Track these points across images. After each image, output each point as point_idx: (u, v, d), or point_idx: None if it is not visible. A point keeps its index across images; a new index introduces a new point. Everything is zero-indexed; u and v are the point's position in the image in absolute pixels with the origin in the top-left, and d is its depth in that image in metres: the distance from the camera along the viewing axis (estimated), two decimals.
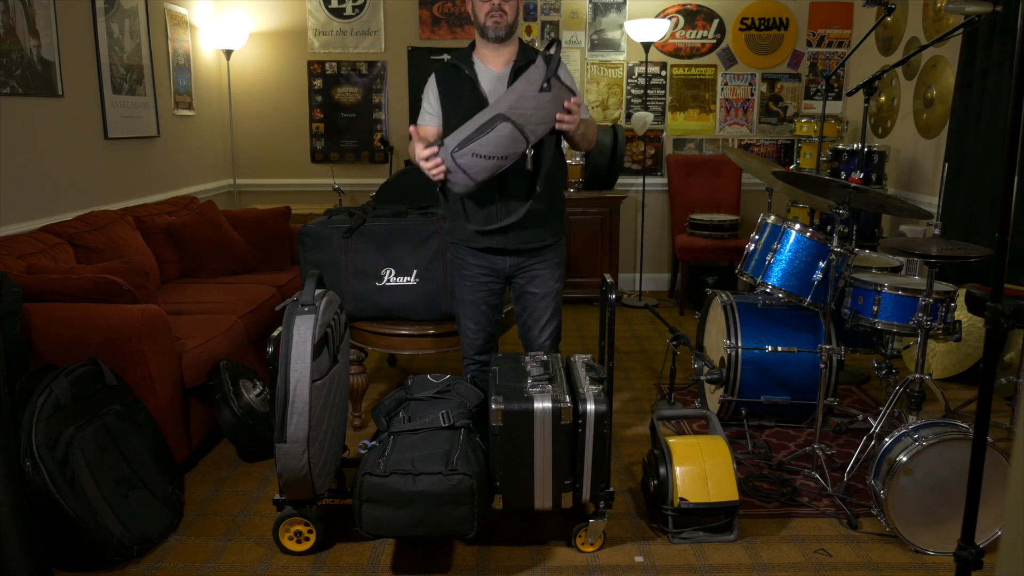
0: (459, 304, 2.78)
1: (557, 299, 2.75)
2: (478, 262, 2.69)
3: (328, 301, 2.39)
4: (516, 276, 2.71)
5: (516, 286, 2.74)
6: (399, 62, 5.57)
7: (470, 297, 2.73)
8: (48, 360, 2.57)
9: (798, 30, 5.57)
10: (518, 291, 2.75)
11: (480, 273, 2.70)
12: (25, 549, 2.09)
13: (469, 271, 2.71)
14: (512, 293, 2.79)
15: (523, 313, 2.77)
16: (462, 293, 2.75)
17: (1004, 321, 1.56)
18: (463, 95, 2.58)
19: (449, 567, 2.36)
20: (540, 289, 2.71)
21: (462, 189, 2.44)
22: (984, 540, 2.33)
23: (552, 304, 2.74)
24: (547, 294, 2.72)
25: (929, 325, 2.66)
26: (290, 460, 2.24)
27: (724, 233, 5.13)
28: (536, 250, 2.66)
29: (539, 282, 2.70)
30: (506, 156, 2.35)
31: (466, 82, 2.57)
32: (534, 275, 2.70)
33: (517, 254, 2.66)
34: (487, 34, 2.56)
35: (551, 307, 2.74)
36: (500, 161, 2.35)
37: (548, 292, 2.72)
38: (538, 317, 2.74)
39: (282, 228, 4.48)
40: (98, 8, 3.97)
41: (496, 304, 2.77)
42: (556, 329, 2.78)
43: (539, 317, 2.74)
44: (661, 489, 2.47)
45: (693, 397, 3.65)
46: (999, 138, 3.72)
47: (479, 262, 2.69)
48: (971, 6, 3.18)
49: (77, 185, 3.80)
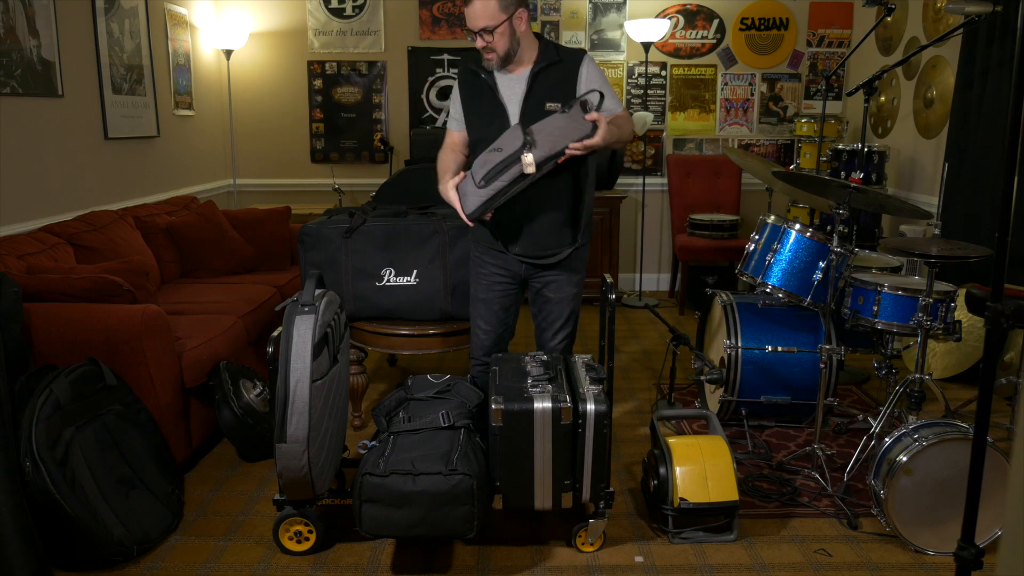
0: (473, 302, 2.76)
1: (574, 303, 2.70)
2: (495, 262, 2.66)
3: (328, 301, 2.39)
4: (532, 278, 2.67)
5: (532, 288, 2.71)
6: (399, 62, 5.57)
7: (483, 296, 2.71)
8: (48, 360, 2.57)
9: (798, 30, 5.57)
10: (534, 293, 2.72)
11: (495, 273, 2.67)
12: (25, 549, 2.09)
13: (485, 270, 2.69)
14: (529, 293, 2.75)
15: (538, 315, 2.74)
16: (477, 291, 2.73)
17: (1004, 321, 1.56)
18: (483, 102, 2.55)
19: (449, 567, 2.36)
20: (555, 294, 2.66)
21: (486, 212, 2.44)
22: (984, 540, 2.33)
23: (567, 309, 2.69)
24: (562, 299, 2.67)
25: (929, 325, 2.66)
26: (290, 460, 2.24)
27: (724, 233, 5.13)
28: (553, 256, 2.60)
29: (555, 287, 2.66)
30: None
31: (485, 88, 2.54)
32: (550, 280, 2.65)
33: (534, 258, 2.61)
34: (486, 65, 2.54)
35: (565, 312, 2.69)
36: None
37: (564, 297, 2.67)
38: (552, 321, 2.71)
39: (282, 228, 4.48)
40: (98, 8, 3.97)
41: (509, 306, 2.72)
42: (570, 334, 2.74)
43: (553, 321, 2.70)
44: (661, 489, 2.47)
45: (693, 397, 3.65)
46: (999, 138, 3.72)
47: (495, 262, 2.66)
48: (971, 6, 3.18)
49: (77, 185, 3.80)
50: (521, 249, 2.59)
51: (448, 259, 3.07)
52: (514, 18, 2.43)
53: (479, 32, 2.43)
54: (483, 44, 2.45)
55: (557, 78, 2.50)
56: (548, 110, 2.46)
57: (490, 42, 2.43)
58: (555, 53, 2.52)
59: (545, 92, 2.49)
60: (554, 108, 2.45)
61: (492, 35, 2.42)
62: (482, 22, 2.41)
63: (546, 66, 2.49)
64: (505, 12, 2.40)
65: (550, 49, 2.53)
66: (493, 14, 2.39)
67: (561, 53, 2.53)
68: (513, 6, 2.41)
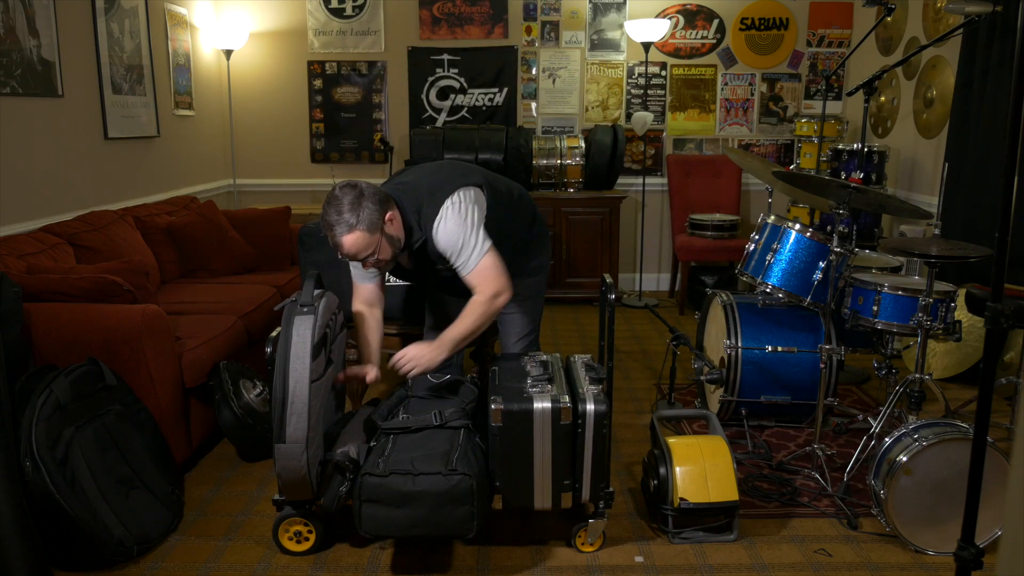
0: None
1: (529, 313, 2.75)
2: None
3: (327, 302, 2.39)
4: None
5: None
6: (399, 62, 5.57)
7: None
8: (48, 360, 2.57)
9: (798, 30, 5.57)
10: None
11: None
12: (25, 549, 2.09)
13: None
14: None
15: (499, 325, 2.79)
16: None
17: (1004, 321, 1.56)
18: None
19: (449, 567, 2.36)
20: (506, 312, 2.68)
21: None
22: (984, 540, 2.32)
23: (522, 319, 2.75)
24: (514, 312, 2.71)
25: (929, 325, 2.66)
26: (289, 460, 2.24)
27: (724, 233, 5.13)
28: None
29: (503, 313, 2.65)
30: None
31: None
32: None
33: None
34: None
35: (520, 321, 2.75)
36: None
37: (515, 311, 2.71)
38: (508, 331, 2.77)
39: (282, 228, 4.48)
40: (98, 8, 3.97)
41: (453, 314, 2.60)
42: (531, 343, 2.80)
43: (508, 331, 2.77)
44: (661, 489, 2.47)
45: (693, 397, 3.65)
46: (999, 138, 3.72)
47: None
48: (971, 6, 3.17)
49: (77, 185, 3.80)
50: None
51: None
52: (385, 227, 2.29)
53: (363, 260, 2.33)
54: (372, 265, 2.35)
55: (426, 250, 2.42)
56: (439, 269, 2.48)
57: (376, 260, 2.33)
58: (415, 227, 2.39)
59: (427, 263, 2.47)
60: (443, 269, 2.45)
61: (375, 255, 2.31)
62: (362, 254, 2.29)
63: (412, 245, 2.41)
64: (374, 232, 2.26)
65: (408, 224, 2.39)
66: (366, 242, 2.26)
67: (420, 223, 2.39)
68: (379, 219, 2.26)
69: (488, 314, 2.39)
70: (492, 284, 2.38)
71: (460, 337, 2.40)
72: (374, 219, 2.25)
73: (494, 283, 2.38)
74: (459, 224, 2.34)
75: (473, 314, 2.38)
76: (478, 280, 2.37)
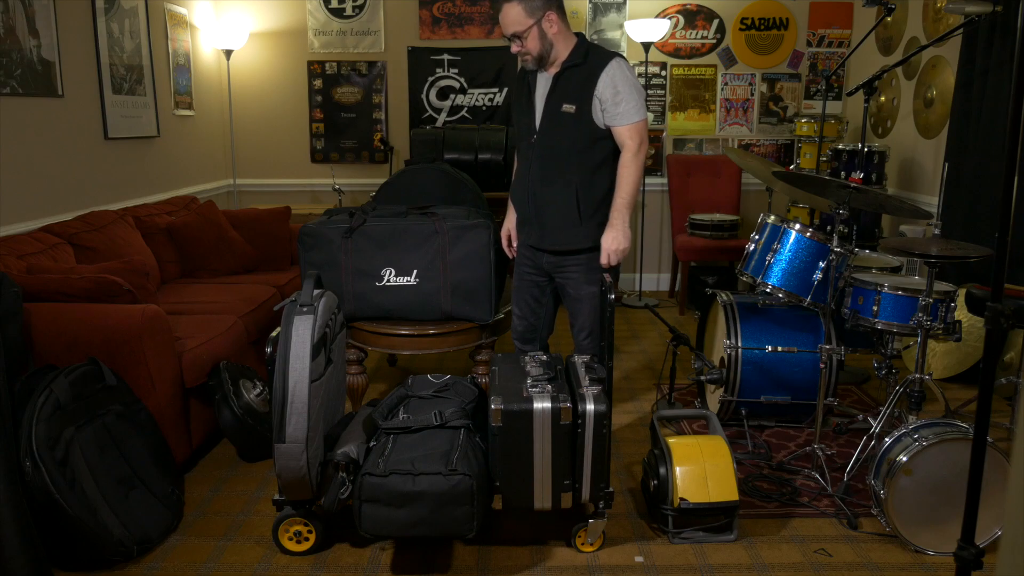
0: (512, 289, 2.97)
1: (593, 302, 2.77)
2: (526, 254, 2.87)
3: (327, 302, 2.39)
4: (555, 274, 2.81)
5: (557, 284, 2.85)
6: (399, 62, 5.57)
7: (517, 283, 2.91)
8: (48, 360, 2.57)
9: (798, 30, 5.57)
10: (560, 290, 2.85)
11: (525, 263, 2.87)
12: (25, 549, 2.09)
13: (520, 260, 2.91)
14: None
15: (569, 313, 2.87)
16: (514, 279, 2.94)
17: (1004, 321, 1.55)
18: (522, 100, 2.76)
19: (449, 567, 2.36)
20: (574, 291, 2.78)
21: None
22: (984, 540, 2.33)
23: (585, 307, 2.78)
24: (580, 297, 2.77)
25: (929, 325, 2.66)
26: (289, 460, 2.24)
27: (724, 233, 5.13)
28: (568, 252, 2.73)
29: (573, 284, 2.77)
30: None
31: (525, 88, 2.74)
32: (568, 277, 2.77)
33: (552, 253, 2.76)
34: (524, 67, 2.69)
35: (583, 310, 2.78)
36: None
37: (581, 296, 2.77)
38: (575, 317, 2.83)
39: (282, 228, 4.48)
40: (98, 8, 3.97)
41: (538, 297, 2.89)
42: (593, 333, 2.80)
43: (575, 317, 2.83)
44: (661, 489, 2.47)
45: (693, 397, 3.65)
46: (999, 138, 3.72)
47: (526, 254, 2.87)
48: (971, 6, 3.17)
49: (77, 185, 3.80)
50: (535, 241, 2.77)
51: (448, 259, 3.07)
52: (543, 21, 2.55)
53: (511, 37, 2.59)
54: (517, 48, 2.61)
55: (578, 80, 2.59)
56: (563, 111, 2.60)
57: (522, 46, 2.59)
58: (583, 55, 2.60)
59: (564, 94, 2.61)
60: (569, 110, 2.58)
61: (523, 39, 2.57)
62: (512, 28, 2.57)
63: (570, 67, 2.59)
64: (532, 17, 2.54)
65: (580, 51, 2.62)
66: (520, 20, 2.54)
67: (590, 55, 2.60)
68: (540, 10, 2.54)
69: (641, 167, 2.61)
70: (643, 139, 2.60)
71: (631, 197, 2.61)
72: (535, 5, 2.53)
73: (644, 139, 2.61)
74: (631, 77, 2.59)
75: (630, 170, 2.60)
76: (631, 132, 2.58)
